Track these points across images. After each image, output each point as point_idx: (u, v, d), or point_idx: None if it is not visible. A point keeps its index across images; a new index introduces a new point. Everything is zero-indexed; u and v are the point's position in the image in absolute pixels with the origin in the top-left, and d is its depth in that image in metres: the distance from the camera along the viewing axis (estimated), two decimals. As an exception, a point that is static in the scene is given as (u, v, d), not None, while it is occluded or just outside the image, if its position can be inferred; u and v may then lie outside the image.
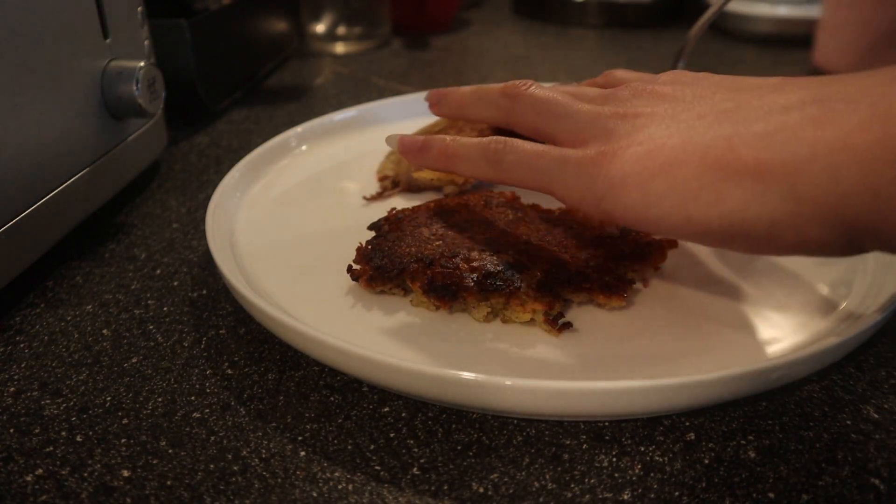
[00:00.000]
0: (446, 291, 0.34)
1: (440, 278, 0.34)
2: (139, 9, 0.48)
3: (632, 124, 0.30)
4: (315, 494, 0.27)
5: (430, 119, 0.53)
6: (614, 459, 0.28)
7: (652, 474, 0.28)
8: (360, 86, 0.74)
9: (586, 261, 0.35)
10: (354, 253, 0.38)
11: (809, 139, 0.25)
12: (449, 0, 0.95)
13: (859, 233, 0.25)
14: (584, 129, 0.31)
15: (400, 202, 0.47)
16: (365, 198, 0.47)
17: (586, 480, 0.28)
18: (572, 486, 0.27)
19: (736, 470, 0.28)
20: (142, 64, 0.44)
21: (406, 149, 0.37)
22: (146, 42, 0.49)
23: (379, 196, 0.47)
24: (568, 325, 0.34)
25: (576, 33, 0.96)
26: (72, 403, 0.32)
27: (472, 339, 0.33)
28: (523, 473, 0.28)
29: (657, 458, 0.29)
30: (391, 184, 0.48)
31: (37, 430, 0.30)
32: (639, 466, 0.28)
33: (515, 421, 0.30)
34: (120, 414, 0.31)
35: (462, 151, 0.34)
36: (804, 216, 0.25)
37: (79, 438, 0.30)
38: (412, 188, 0.47)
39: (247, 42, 0.71)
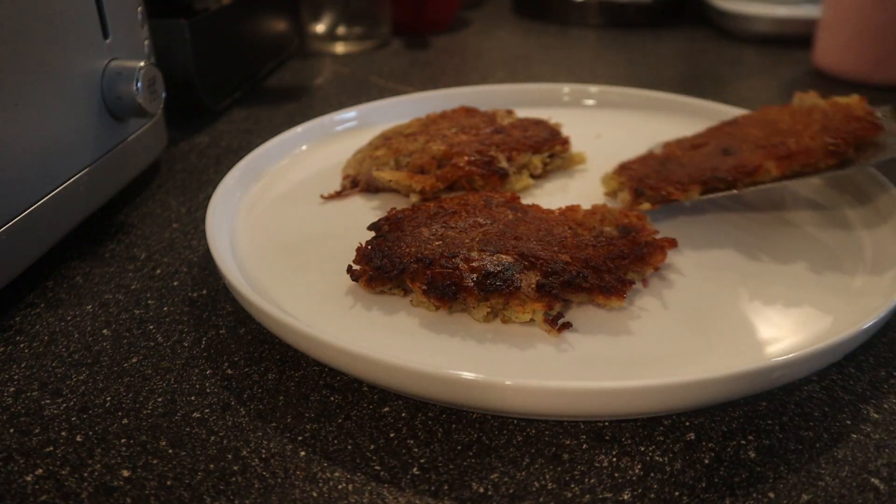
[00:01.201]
0: (446, 291, 0.34)
1: (440, 278, 0.34)
2: (139, 9, 0.48)
3: None
4: (315, 494, 0.27)
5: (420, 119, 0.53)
6: (614, 459, 0.28)
7: (652, 474, 0.28)
8: (360, 86, 0.74)
9: (586, 261, 0.35)
10: (354, 253, 0.38)
11: None
12: (449, 0, 0.95)
13: None
14: None
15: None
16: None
17: (586, 480, 0.28)
18: (572, 486, 0.27)
19: (736, 470, 0.28)
20: (142, 64, 0.44)
21: None
22: (146, 42, 0.49)
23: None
24: (567, 325, 0.34)
25: (576, 33, 0.96)
26: (72, 403, 0.32)
27: (471, 339, 0.33)
28: (523, 473, 0.28)
29: (657, 458, 0.29)
30: (350, 183, 0.48)
31: (37, 430, 0.30)
32: (639, 466, 0.28)
33: (515, 421, 0.30)
34: (120, 414, 0.31)
35: None
36: None
37: (79, 438, 0.30)
38: (371, 188, 0.47)
39: (247, 42, 0.71)
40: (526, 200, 0.42)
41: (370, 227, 0.40)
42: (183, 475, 0.28)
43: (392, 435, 0.30)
